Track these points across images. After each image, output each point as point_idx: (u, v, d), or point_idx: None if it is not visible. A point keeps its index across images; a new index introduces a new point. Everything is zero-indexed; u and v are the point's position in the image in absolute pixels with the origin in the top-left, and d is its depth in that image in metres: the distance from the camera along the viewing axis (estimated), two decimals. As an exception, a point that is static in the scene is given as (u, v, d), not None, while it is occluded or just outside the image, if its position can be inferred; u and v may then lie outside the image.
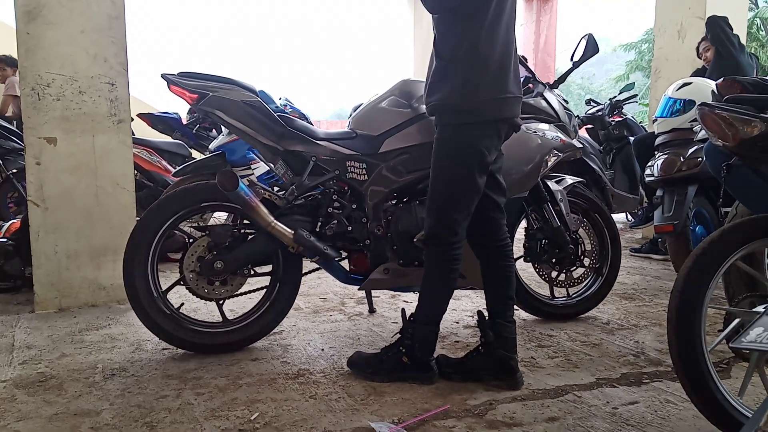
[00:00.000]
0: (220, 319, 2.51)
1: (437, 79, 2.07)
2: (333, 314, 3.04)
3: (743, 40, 4.57)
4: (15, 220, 3.80)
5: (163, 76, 2.40)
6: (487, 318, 2.20)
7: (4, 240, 3.53)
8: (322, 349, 2.51)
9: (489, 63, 2.00)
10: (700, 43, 4.56)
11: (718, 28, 4.35)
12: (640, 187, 4.94)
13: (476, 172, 2.05)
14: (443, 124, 2.09)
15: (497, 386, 2.11)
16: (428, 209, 2.13)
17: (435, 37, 2.10)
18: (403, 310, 2.25)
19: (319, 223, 2.45)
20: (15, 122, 5.81)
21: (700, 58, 4.61)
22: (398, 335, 2.22)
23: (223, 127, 4.13)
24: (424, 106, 2.45)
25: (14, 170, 4.95)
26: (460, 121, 2.04)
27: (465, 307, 3.17)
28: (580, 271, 2.95)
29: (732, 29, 4.40)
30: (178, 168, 4.07)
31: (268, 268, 2.54)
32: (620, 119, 5.43)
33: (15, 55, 3.19)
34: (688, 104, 3.52)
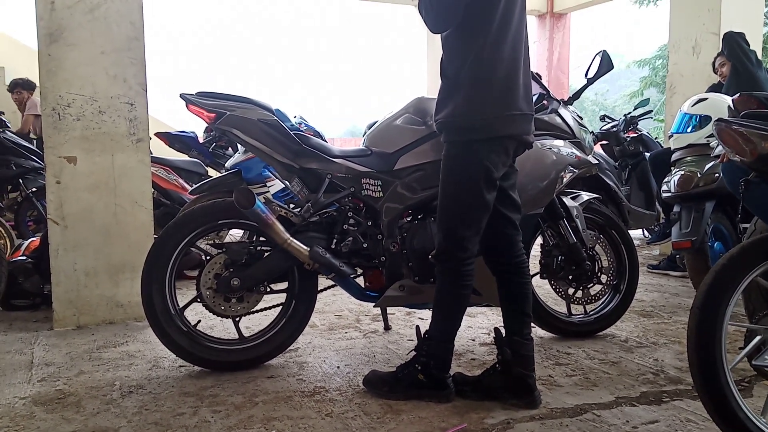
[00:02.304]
0: (237, 336, 2.52)
1: (443, 97, 2.09)
2: (348, 331, 3.04)
3: (759, 56, 4.55)
4: (34, 238, 3.86)
5: (181, 95, 2.44)
6: (504, 335, 2.18)
7: (24, 258, 3.58)
8: (338, 367, 2.51)
9: (493, 80, 2.01)
10: (716, 59, 4.54)
11: (734, 43, 4.32)
12: (657, 203, 4.90)
13: (483, 188, 2.05)
14: (449, 142, 2.10)
15: (515, 405, 2.09)
16: (438, 226, 2.15)
17: (441, 57, 2.12)
18: (417, 327, 2.25)
19: (335, 240, 2.46)
20: (35, 141, 5.92)
21: (716, 74, 4.59)
22: (413, 353, 2.21)
23: (238, 145, 4.18)
24: (437, 124, 2.47)
25: (34, 189, 5.03)
26: (465, 138, 2.05)
27: (481, 324, 3.15)
28: (598, 288, 2.92)
29: (749, 45, 4.37)
30: (194, 186, 4.10)
31: (283, 285, 2.55)
32: (635, 135, 5.41)
33: (36, 76, 3.26)
34: (704, 120, 3.50)
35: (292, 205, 2.66)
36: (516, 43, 2.05)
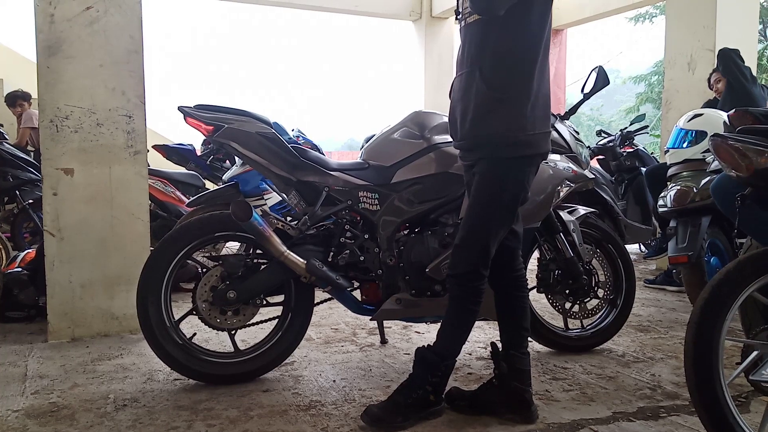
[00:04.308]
0: (232, 350, 2.51)
1: (486, 110, 1.97)
2: (345, 345, 3.02)
3: (754, 72, 4.59)
4: (30, 250, 3.85)
5: (179, 108, 2.44)
6: (500, 349, 2.17)
7: (19, 270, 3.56)
8: (334, 381, 2.49)
9: (540, 96, 2.00)
10: (711, 75, 4.58)
11: (729, 60, 4.36)
12: (653, 218, 4.91)
13: (518, 206, 2.06)
14: (494, 157, 2.01)
15: (512, 420, 2.07)
16: (467, 242, 2.05)
17: (482, 69, 1.98)
18: (418, 349, 2.13)
19: (332, 253, 2.46)
20: (32, 153, 5.91)
21: (711, 89, 4.63)
22: (412, 377, 2.10)
23: (236, 158, 4.18)
24: (438, 137, 2.48)
25: (30, 201, 5.02)
26: (511, 154, 1.99)
27: (478, 338, 3.14)
28: (594, 302, 2.92)
29: (743, 61, 4.41)
30: (192, 198, 4.11)
31: (280, 298, 2.54)
32: (632, 150, 5.44)
33: (34, 88, 3.26)
34: (699, 135, 3.52)
35: (289, 218, 2.66)
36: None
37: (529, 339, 2.86)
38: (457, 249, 2.08)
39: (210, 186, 5.28)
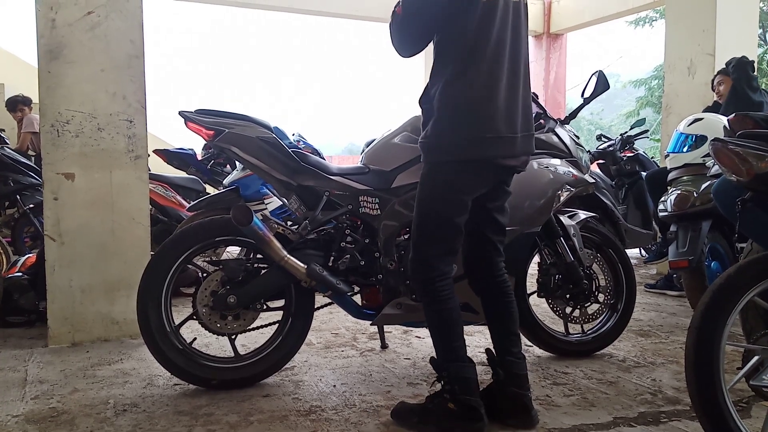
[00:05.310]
0: (232, 354, 2.51)
1: (424, 120, 2.09)
2: (345, 350, 3.02)
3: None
4: (30, 255, 3.85)
5: (180, 113, 2.45)
6: (496, 355, 2.17)
7: (20, 274, 3.56)
8: (334, 386, 2.49)
9: (462, 104, 1.98)
10: (715, 77, 4.58)
11: (742, 71, 4.36)
12: (653, 223, 4.91)
13: (451, 210, 2.03)
14: (424, 162, 2.10)
15: (512, 425, 2.07)
16: (411, 243, 2.13)
17: (428, 81, 2.11)
18: (432, 358, 2.14)
19: (332, 258, 2.46)
20: (33, 158, 5.92)
21: (713, 91, 4.63)
22: (440, 383, 2.10)
23: (237, 163, 4.19)
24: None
25: (31, 205, 5.03)
26: (435, 159, 2.05)
27: (478, 343, 3.13)
28: (595, 307, 2.92)
29: (755, 71, 4.43)
30: (192, 203, 4.11)
31: (280, 303, 2.54)
32: (632, 154, 5.44)
33: (35, 93, 3.27)
34: (699, 139, 3.53)
35: (289, 223, 2.66)
36: (495, 66, 1.99)
37: (530, 344, 2.86)
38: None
39: (211, 190, 5.28)
